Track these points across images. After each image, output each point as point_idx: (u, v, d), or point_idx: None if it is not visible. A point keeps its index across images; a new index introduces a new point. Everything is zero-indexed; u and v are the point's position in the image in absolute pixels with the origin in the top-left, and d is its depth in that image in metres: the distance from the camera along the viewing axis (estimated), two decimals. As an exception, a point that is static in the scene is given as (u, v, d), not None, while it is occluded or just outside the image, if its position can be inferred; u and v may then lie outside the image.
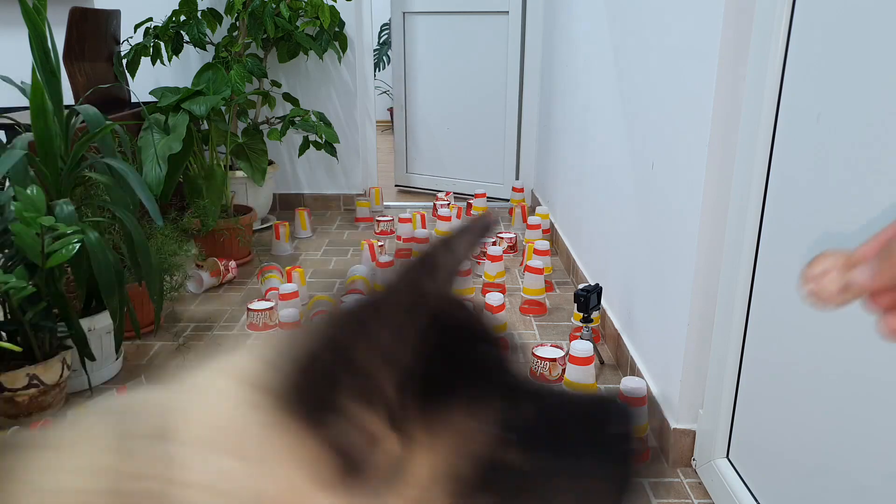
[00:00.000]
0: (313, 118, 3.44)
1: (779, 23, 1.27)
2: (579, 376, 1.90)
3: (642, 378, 1.83)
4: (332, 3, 3.46)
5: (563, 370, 2.00)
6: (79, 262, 1.86)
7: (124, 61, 3.28)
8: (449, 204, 3.68)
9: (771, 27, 1.29)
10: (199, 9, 3.31)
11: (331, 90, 3.87)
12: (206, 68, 3.07)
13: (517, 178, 4.09)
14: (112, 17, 3.25)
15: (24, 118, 2.18)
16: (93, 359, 1.93)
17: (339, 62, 3.78)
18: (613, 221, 2.28)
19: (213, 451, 0.42)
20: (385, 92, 7.20)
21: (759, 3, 1.33)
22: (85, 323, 1.93)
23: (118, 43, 3.30)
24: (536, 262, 2.58)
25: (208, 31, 3.35)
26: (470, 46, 4.20)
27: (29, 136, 2.04)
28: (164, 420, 0.43)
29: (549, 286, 2.79)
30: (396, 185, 4.66)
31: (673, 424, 1.67)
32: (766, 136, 1.33)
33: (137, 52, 3.26)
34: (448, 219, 3.30)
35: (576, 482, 0.48)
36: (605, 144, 2.38)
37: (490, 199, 4.03)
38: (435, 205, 3.78)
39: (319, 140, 3.42)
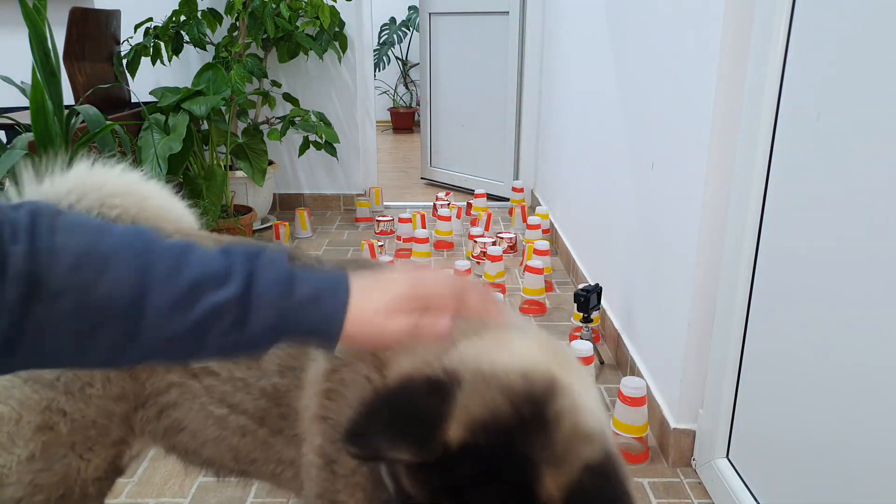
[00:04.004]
0: (313, 118, 3.44)
1: (779, 23, 1.27)
2: (579, 376, 1.90)
3: (642, 378, 1.83)
4: (332, 3, 3.46)
5: (563, 370, 2.00)
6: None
7: (124, 61, 3.28)
8: (449, 204, 3.68)
9: (771, 27, 1.29)
10: (199, 9, 3.32)
11: (331, 90, 3.87)
12: (206, 68, 3.07)
13: (517, 178, 4.09)
14: (112, 17, 3.25)
15: (25, 118, 2.18)
16: (93, 359, 1.92)
17: (339, 62, 3.78)
18: (613, 221, 2.28)
19: None
20: (385, 92, 7.20)
21: (759, 3, 1.33)
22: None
23: (118, 43, 3.30)
24: (536, 262, 2.58)
25: (208, 32, 3.35)
26: (473, 46, 4.21)
27: (29, 135, 2.04)
28: None
29: (548, 286, 2.79)
30: (422, 178, 4.79)
31: (673, 424, 1.67)
32: (765, 136, 1.33)
33: (137, 52, 3.26)
34: (448, 219, 3.30)
35: None
36: (605, 144, 2.38)
37: (491, 197, 4.04)
38: (435, 205, 3.78)
39: (319, 140, 3.42)
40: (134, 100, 3.37)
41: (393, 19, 6.97)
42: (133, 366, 0.57)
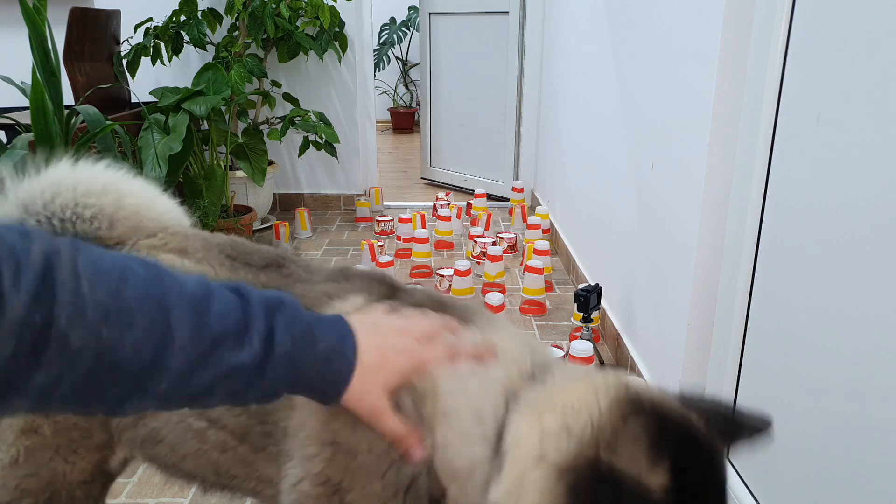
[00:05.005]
0: (313, 118, 3.44)
1: (779, 22, 1.27)
2: (579, 376, 1.90)
3: (642, 378, 1.83)
4: (332, 3, 3.46)
5: (563, 370, 2.00)
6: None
7: (124, 61, 3.29)
8: (449, 204, 3.68)
9: (771, 27, 1.29)
10: (199, 9, 3.32)
11: (331, 90, 3.87)
12: (206, 68, 3.07)
13: (517, 178, 4.09)
14: (112, 17, 3.25)
15: (25, 118, 2.18)
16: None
17: (339, 62, 3.78)
18: (614, 221, 2.28)
19: None
20: (385, 92, 7.21)
21: (760, 2, 1.33)
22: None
23: (118, 43, 3.31)
24: (536, 262, 2.58)
25: (208, 32, 3.35)
26: (473, 46, 4.21)
27: (29, 135, 2.05)
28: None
29: (549, 286, 2.79)
30: (422, 178, 4.80)
31: (673, 424, 1.67)
32: (766, 136, 1.33)
33: (138, 52, 3.26)
34: (448, 219, 3.30)
35: None
36: (605, 144, 2.38)
37: (491, 197, 4.04)
38: (435, 205, 3.78)
39: (319, 140, 3.42)
40: (134, 100, 3.38)
41: (393, 19, 6.97)
42: (133, 415, 0.57)
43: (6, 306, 0.44)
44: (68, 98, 2.30)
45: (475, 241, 3.10)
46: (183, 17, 3.30)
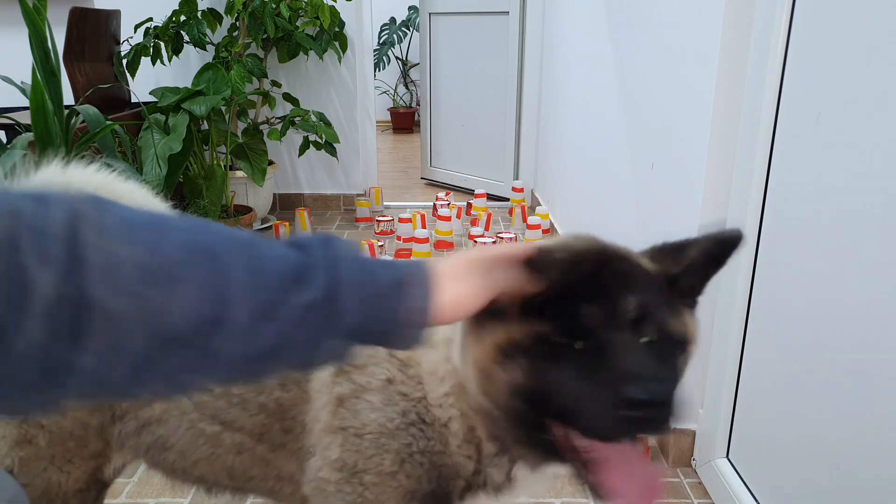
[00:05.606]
0: (313, 118, 3.44)
1: (779, 22, 1.27)
2: (579, 376, 1.90)
3: (642, 378, 1.82)
4: (332, 3, 3.46)
5: (563, 370, 2.00)
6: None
7: (124, 61, 3.28)
8: (449, 204, 3.68)
9: (771, 27, 1.29)
10: (199, 9, 3.31)
11: (331, 90, 3.87)
12: (206, 68, 3.07)
13: (517, 178, 4.09)
14: (112, 17, 3.25)
15: (25, 118, 2.18)
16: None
17: (339, 62, 3.78)
18: (614, 221, 2.28)
19: None
20: (385, 92, 7.20)
21: (760, 2, 1.33)
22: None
23: (118, 43, 3.30)
24: (536, 262, 2.57)
25: (208, 32, 3.35)
26: (473, 46, 4.21)
27: (29, 135, 2.05)
28: None
29: (549, 286, 2.79)
30: (422, 178, 4.80)
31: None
32: (766, 136, 1.33)
33: (138, 52, 3.26)
34: (448, 219, 3.30)
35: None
36: (605, 144, 2.38)
37: (491, 197, 4.04)
38: (435, 205, 3.78)
39: (319, 140, 3.42)
40: (134, 100, 3.37)
41: (393, 19, 6.97)
42: (200, 390, 0.48)
43: (35, 285, 0.39)
44: (68, 98, 2.30)
45: (475, 241, 3.10)
46: (183, 17, 3.30)
